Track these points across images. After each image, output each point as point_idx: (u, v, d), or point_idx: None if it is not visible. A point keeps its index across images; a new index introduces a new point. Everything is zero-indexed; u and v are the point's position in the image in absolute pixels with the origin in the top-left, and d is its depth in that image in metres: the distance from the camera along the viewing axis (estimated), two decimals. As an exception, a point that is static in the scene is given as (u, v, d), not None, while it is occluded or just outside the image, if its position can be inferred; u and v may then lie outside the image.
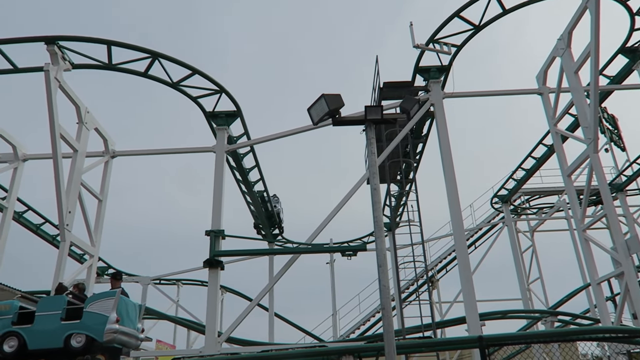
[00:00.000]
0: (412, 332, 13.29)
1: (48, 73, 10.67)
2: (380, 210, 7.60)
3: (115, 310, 7.93)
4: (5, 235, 12.86)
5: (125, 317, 8.24)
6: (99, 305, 8.07)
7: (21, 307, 8.34)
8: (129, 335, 8.17)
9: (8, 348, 7.90)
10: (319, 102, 7.85)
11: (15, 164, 13.37)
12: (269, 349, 10.58)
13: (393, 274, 15.23)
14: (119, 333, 7.80)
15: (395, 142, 12.51)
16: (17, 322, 8.13)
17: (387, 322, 6.86)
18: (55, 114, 10.78)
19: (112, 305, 7.97)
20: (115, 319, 7.87)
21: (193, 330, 20.24)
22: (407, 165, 16.41)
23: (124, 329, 8.00)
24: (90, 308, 8.07)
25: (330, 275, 23.72)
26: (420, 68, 13.15)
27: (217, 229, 11.92)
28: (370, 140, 7.91)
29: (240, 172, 15.47)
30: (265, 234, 20.82)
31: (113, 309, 7.95)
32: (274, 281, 12.20)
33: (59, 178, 10.92)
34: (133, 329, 8.43)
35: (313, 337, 22.32)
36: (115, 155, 13.66)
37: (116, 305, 7.97)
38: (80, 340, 7.81)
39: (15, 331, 8.01)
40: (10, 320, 8.14)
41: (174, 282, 23.66)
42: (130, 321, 8.39)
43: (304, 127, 12.59)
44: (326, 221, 11.46)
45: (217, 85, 12.52)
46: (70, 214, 11.42)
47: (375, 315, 22.68)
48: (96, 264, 12.90)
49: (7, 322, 8.10)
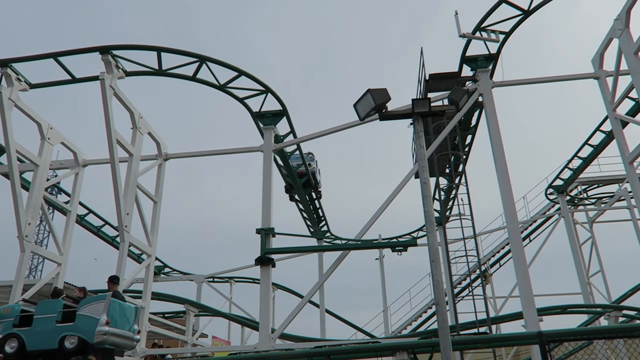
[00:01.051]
0: (466, 328, 13.01)
1: (104, 81, 11.16)
2: (430, 204, 7.48)
3: (106, 313, 8.35)
4: (70, 236, 13.56)
5: (119, 319, 8.71)
6: (91, 309, 8.55)
7: (23, 310, 8.93)
8: (122, 336, 8.66)
9: (9, 349, 8.52)
10: (365, 98, 7.81)
11: (77, 169, 14.07)
12: (322, 345, 10.65)
13: (445, 269, 14.98)
14: (109, 335, 8.24)
15: (443, 135, 12.26)
16: (18, 325, 8.72)
17: (442, 317, 6.75)
18: (111, 120, 11.27)
19: (103, 309, 8.40)
20: (105, 322, 8.31)
21: (246, 326, 20.65)
22: (456, 158, 16.07)
23: (115, 331, 8.44)
24: (82, 311, 8.55)
25: (380, 271, 23.61)
26: (467, 58, 12.82)
27: (267, 227, 12.10)
28: (419, 134, 7.80)
29: (287, 170, 15.66)
30: (313, 231, 20.97)
31: (103, 312, 8.39)
32: (324, 278, 12.26)
33: (116, 182, 11.41)
34: (127, 331, 8.91)
35: (364, 334, 22.29)
36: (168, 158, 14.12)
37: (106, 309, 8.41)
38: (73, 342, 8.30)
39: (15, 333, 8.62)
40: (12, 322, 8.73)
41: (226, 280, 24.21)
42: (124, 323, 8.84)
43: (349, 123, 12.55)
44: (375, 217, 11.40)
45: (263, 86, 12.69)
46: (128, 216, 11.91)
47: (427, 311, 22.39)
48: (153, 263, 13.39)
49: (9, 324, 8.72)
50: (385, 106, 7.97)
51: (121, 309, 8.91)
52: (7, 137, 11.37)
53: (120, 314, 8.81)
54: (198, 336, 19.71)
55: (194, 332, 19.06)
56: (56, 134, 13.28)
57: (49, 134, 12.98)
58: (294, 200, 18.45)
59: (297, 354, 10.28)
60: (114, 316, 8.56)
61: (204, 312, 19.71)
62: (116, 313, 8.67)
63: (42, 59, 11.90)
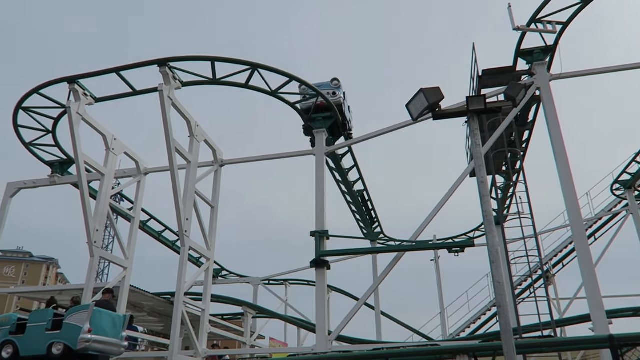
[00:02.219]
0: (529, 330, 12.55)
1: (162, 93, 11.63)
2: (489, 204, 7.31)
3: (89, 321, 8.99)
4: (134, 241, 14.22)
5: (105, 327, 9.43)
6: (75, 318, 9.28)
7: (19, 319, 9.81)
8: (107, 343, 9.31)
9: (5, 354, 9.38)
10: (417, 97, 7.73)
11: (139, 177, 14.73)
12: (380, 347, 10.60)
13: (504, 269, 14.52)
14: (92, 342, 8.87)
15: (499, 132, 11.92)
16: (14, 332, 9.61)
17: (505, 320, 6.56)
18: (170, 129, 11.73)
19: (86, 318, 9.07)
20: (87, 330, 8.94)
21: (303, 328, 20.87)
22: (513, 155, 15.56)
23: (98, 338, 9.06)
24: (68, 320, 9.30)
25: (436, 272, 23.20)
26: (522, 51, 12.41)
27: (322, 230, 12.19)
28: (474, 132, 7.63)
29: (339, 172, 15.70)
30: (367, 233, 20.90)
31: (86, 320, 9.04)
32: (379, 280, 12.21)
33: (176, 188, 11.86)
34: (114, 338, 9.59)
35: (421, 336, 21.96)
36: (224, 164, 14.52)
37: (89, 318, 9.05)
38: (59, 348, 9.03)
39: (11, 340, 9.53)
40: (9, 330, 9.65)
41: (281, 282, 24.58)
42: (111, 331, 9.51)
43: (401, 123, 12.45)
44: (430, 217, 11.24)
45: (314, 90, 12.81)
46: (188, 221, 12.34)
47: (485, 314, 21.75)
48: (212, 266, 13.79)
49: (6, 332, 9.64)
50: (438, 105, 7.86)
51: (108, 318, 9.68)
52: (76, 149, 12.08)
53: (107, 322, 9.55)
54: (256, 337, 20.09)
55: (252, 334, 19.44)
56: (120, 144, 13.97)
57: (113, 145, 13.69)
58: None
59: (356, 357, 10.29)
60: (98, 324, 9.28)
61: (261, 314, 20.10)
62: (102, 322, 9.40)
63: (105, 74, 12.57)
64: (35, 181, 15.01)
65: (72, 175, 15.07)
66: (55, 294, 15.96)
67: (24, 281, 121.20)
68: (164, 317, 18.67)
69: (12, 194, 14.71)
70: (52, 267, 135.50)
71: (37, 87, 12.86)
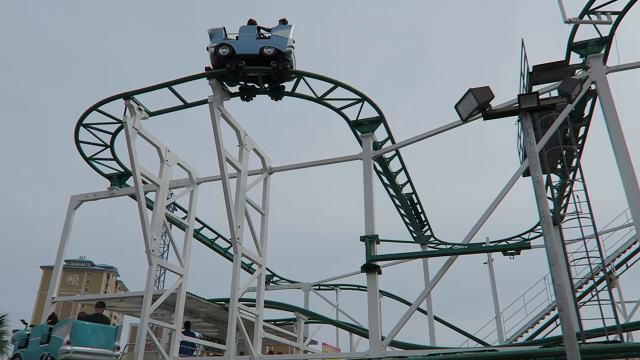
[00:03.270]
0: (592, 335, 11.99)
1: (212, 104, 11.99)
2: (546, 204, 7.10)
3: (69, 334, 9.81)
4: (189, 249, 14.67)
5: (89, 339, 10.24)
6: (59, 331, 10.16)
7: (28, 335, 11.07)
8: (91, 354, 10.10)
9: None
10: (466, 98, 7.63)
11: (192, 187, 15.22)
12: (435, 353, 10.42)
13: (564, 272, 13.94)
14: (72, 352, 9.66)
15: (553, 129, 11.51)
16: (22, 346, 10.84)
17: (567, 324, 6.34)
18: (220, 139, 12.06)
19: (65, 331, 9.93)
20: (66, 342, 9.81)
21: (355, 333, 20.81)
22: (569, 152, 14.97)
23: (79, 349, 9.88)
24: (54, 333, 10.24)
25: (490, 275, 22.57)
26: (575, 44, 11.95)
27: (371, 234, 12.15)
28: (528, 130, 7.44)
29: (387, 176, 15.61)
30: (416, 236, 20.64)
31: (66, 333, 9.88)
32: (431, 285, 12.01)
33: (228, 197, 12.17)
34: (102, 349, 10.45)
35: (477, 341, 21.38)
36: (273, 171, 14.78)
37: (69, 331, 9.87)
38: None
39: (18, 353, 10.87)
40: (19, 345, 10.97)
41: (332, 288, 24.62)
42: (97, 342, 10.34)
43: (450, 124, 12.24)
44: (483, 219, 10.99)
45: (359, 94, 12.83)
46: (240, 229, 12.63)
47: (544, 318, 20.94)
48: (264, 272, 14.02)
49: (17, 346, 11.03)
50: (488, 104, 7.72)
51: (93, 330, 10.48)
52: (133, 162, 12.64)
53: (92, 334, 10.31)
54: (308, 343, 20.20)
55: (304, 339, 19.58)
56: (173, 155, 14.50)
57: (167, 156, 14.22)
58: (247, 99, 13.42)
59: (410, 362, 10.17)
60: (80, 336, 10.06)
61: (313, 319, 20.20)
62: (85, 333, 10.17)
63: (158, 89, 13.09)
64: (96, 194, 15.79)
65: (130, 187, 15.75)
66: (117, 301, 16.72)
67: (87, 289, 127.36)
68: (218, 323, 19.12)
69: (75, 206, 15.53)
70: (111, 275, 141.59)
71: (96, 104, 13.54)
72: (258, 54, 11.90)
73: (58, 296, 14.49)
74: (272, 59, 11.80)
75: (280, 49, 11.84)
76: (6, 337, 21.73)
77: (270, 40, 12.04)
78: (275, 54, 11.82)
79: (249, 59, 11.99)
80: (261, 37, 12.21)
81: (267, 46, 11.88)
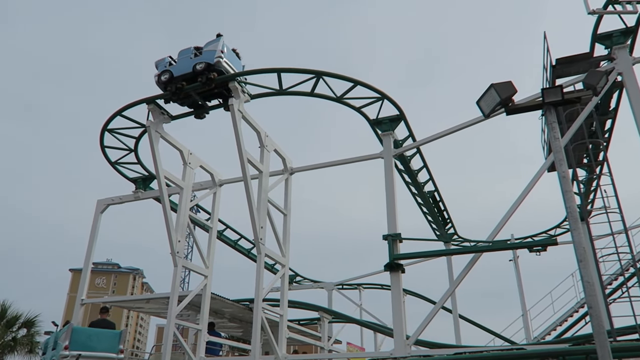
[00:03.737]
0: (624, 333, 11.72)
1: (232, 107, 12.09)
2: (572, 200, 6.96)
3: (68, 340, 10.45)
4: (213, 251, 14.83)
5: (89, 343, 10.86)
6: (62, 337, 10.77)
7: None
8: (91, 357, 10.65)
9: None
10: (488, 93, 7.53)
11: (214, 189, 15.38)
12: (462, 352, 10.31)
13: (592, 268, 13.64)
14: (70, 357, 10.35)
15: (578, 122, 11.27)
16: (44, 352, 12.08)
17: (597, 322, 6.21)
18: (241, 141, 12.16)
19: (64, 337, 10.56)
20: (63, 347, 10.42)
21: (379, 332, 20.74)
22: (595, 146, 14.65)
23: (75, 354, 10.48)
24: (59, 339, 10.87)
25: (515, 273, 22.25)
26: (600, 35, 11.68)
27: (394, 233, 12.09)
28: (552, 125, 7.32)
29: (409, 174, 15.51)
30: (439, 234, 20.46)
31: (65, 339, 10.51)
32: (456, 283, 11.88)
33: (250, 198, 12.26)
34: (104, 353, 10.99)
35: (503, 340, 21.09)
36: (294, 172, 14.82)
37: (68, 336, 10.51)
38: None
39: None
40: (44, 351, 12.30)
41: (355, 287, 24.59)
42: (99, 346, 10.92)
43: (471, 120, 12.08)
44: (507, 216, 10.82)
45: (379, 93, 12.78)
46: (262, 229, 12.70)
47: (573, 315, 20.51)
48: (288, 273, 14.08)
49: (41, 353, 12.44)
50: (511, 99, 7.61)
51: (94, 335, 11.18)
52: (157, 166, 12.84)
53: (94, 339, 10.94)
54: (333, 342, 20.22)
55: (329, 339, 19.59)
56: (195, 158, 14.67)
57: (190, 159, 14.40)
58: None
59: (436, 361, 10.09)
60: (80, 341, 10.67)
61: (337, 319, 20.20)
62: (85, 339, 10.79)
63: (179, 93, 13.25)
64: (121, 197, 16.07)
65: (154, 190, 16.00)
66: (143, 303, 17.00)
67: (114, 291, 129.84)
68: (243, 323, 19.28)
69: (102, 210, 15.84)
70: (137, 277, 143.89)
71: (120, 110, 13.79)
72: (192, 71, 12.60)
73: (87, 298, 14.79)
74: (202, 74, 12.47)
75: (209, 62, 12.44)
76: (38, 338, 22.32)
77: (202, 56, 12.71)
78: (206, 68, 12.45)
79: (186, 78, 12.67)
80: (197, 56, 12.89)
81: (198, 62, 12.57)
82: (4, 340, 21.72)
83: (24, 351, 22.01)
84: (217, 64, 12.42)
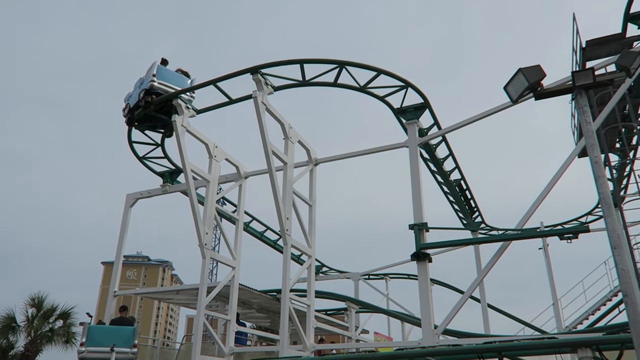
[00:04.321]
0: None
1: (256, 99, 12.14)
2: (605, 185, 6.78)
3: (84, 337, 11.32)
4: (240, 242, 15.00)
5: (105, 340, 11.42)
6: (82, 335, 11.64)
7: None
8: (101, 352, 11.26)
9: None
10: (516, 78, 7.37)
11: (240, 181, 15.51)
12: (491, 341, 10.20)
13: (627, 255, 13.28)
14: (86, 352, 11.20)
15: (610, 106, 10.93)
16: None
17: (633, 310, 6.06)
18: (266, 133, 12.21)
19: (82, 334, 11.45)
20: (80, 344, 11.39)
21: (406, 322, 20.69)
22: (628, 130, 14.21)
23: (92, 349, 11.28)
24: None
25: (545, 261, 21.81)
26: (632, 15, 11.28)
27: (420, 222, 11.99)
28: (583, 109, 7.11)
29: (434, 163, 15.33)
30: (466, 223, 20.20)
31: (82, 336, 11.38)
32: (484, 272, 11.73)
33: (275, 190, 12.32)
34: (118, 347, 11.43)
35: (533, 329, 20.77)
36: (318, 163, 14.82)
37: (85, 334, 11.35)
38: None
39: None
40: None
41: (381, 277, 24.54)
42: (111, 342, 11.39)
43: (499, 106, 11.82)
44: (537, 203, 10.60)
45: (403, 81, 12.64)
46: (288, 220, 12.77)
47: (606, 304, 20.05)
48: (314, 263, 14.15)
49: None
50: (540, 84, 7.43)
51: (109, 332, 11.88)
52: (184, 160, 13.01)
53: (109, 335, 11.58)
54: (360, 332, 20.28)
55: (356, 328, 19.66)
56: (221, 151, 14.82)
57: (215, 152, 14.55)
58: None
59: (466, 350, 10.02)
60: (95, 338, 11.39)
61: (364, 308, 20.22)
62: (100, 336, 11.48)
63: (203, 87, 13.40)
64: (150, 191, 16.37)
65: (181, 183, 16.23)
66: (173, 294, 17.35)
67: (144, 283, 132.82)
68: (270, 313, 19.51)
69: (131, 204, 16.17)
70: (167, 269, 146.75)
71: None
72: (138, 100, 13.91)
73: (119, 290, 15.17)
74: (143, 99, 13.77)
75: (146, 88, 13.71)
76: (74, 329, 23.02)
77: (143, 84, 14.02)
78: (145, 93, 13.71)
79: (139, 107, 13.98)
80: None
81: (141, 90, 13.90)
82: (42, 331, 22.47)
83: (61, 341, 22.72)
84: (151, 88, 13.62)
